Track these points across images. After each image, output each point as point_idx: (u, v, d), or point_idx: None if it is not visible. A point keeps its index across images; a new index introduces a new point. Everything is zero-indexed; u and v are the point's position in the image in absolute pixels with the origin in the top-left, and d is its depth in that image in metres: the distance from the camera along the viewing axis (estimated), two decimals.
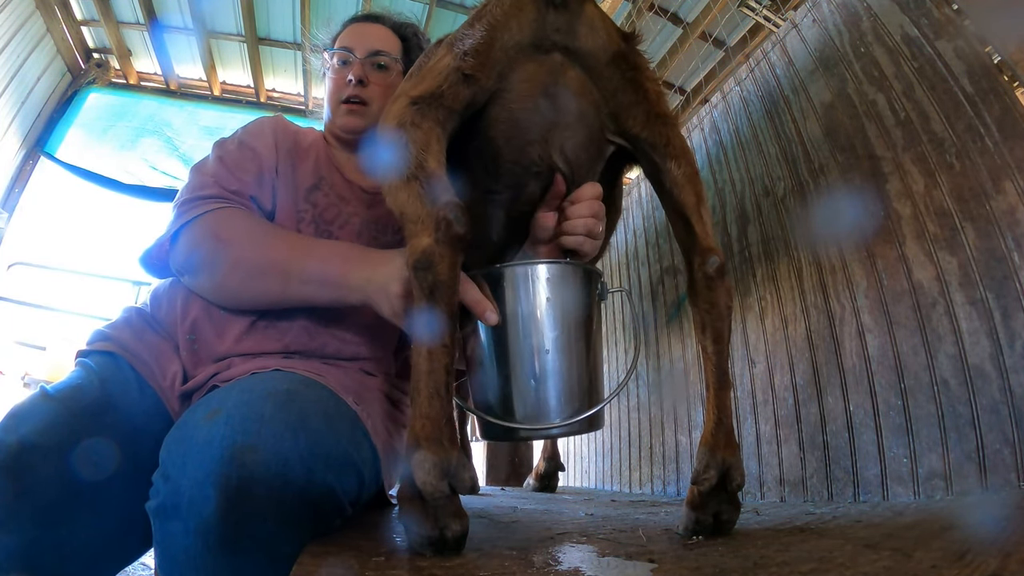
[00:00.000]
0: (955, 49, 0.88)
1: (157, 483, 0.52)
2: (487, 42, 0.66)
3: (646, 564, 0.48)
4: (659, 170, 0.70)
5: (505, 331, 0.61)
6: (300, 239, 0.74)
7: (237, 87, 3.54)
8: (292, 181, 0.82)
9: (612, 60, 0.70)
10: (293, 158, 0.84)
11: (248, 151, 0.80)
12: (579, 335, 0.63)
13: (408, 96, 0.65)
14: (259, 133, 0.83)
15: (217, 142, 0.82)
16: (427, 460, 0.49)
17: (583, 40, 0.68)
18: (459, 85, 0.65)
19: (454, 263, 0.54)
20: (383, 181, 0.63)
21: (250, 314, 0.73)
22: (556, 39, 0.68)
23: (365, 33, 0.93)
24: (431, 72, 0.66)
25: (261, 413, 0.53)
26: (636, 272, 1.81)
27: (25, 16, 2.67)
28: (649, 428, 1.58)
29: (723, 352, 0.65)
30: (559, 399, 0.61)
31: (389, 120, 0.65)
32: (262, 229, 0.73)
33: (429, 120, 0.63)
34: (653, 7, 2.57)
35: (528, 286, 0.62)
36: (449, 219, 0.54)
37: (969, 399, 0.76)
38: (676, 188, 0.69)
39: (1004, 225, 0.77)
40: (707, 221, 0.68)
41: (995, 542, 0.46)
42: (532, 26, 0.67)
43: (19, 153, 2.93)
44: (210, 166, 0.78)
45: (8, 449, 0.56)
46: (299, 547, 0.51)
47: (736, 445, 0.62)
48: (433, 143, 0.62)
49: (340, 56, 0.90)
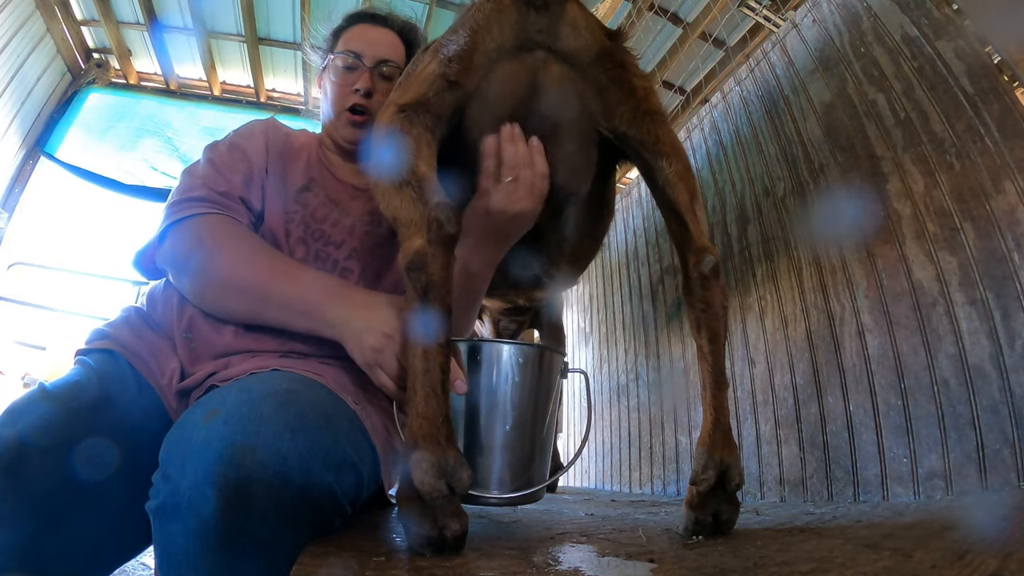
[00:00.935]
0: (955, 49, 0.88)
1: (157, 483, 0.52)
2: (470, 47, 0.66)
3: (646, 564, 0.48)
4: (651, 168, 0.70)
5: (473, 400, 0.63)
6: (285, 262, 0.73)
7: (237, 87, 3.54)
8: (282, 182, 0.82)
9: (597, 59, 0.69)
10: (284, 159, 0.84)
11: (238, 153, 0.80)
12: (538, 414, 0.65)
13: (396, 104, 0.66)
14: (249, 135, 0.84)
15: (208, 145, 0.82)
16: (425, 460, 0.49)
17: (566, 40, 0.68)
18: (444, 92, 0.66)
19: (446, 263, 0.55)
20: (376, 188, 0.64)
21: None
22: (539, 40, 0.68)
23: (373, 39, 0.90)
24: (417, 79, 0.67)
25: (260, 413, 0.53)
26: (636, 272, 1.81)
27: (25, 16, 2.67)
28: (649, 428, 1.58)
29: (719, 352, 0.65)
30: (508, 472, 0.63)
31: (379, 129, 0.66)
32: (249, 244, 0.72)
33: (418, 126, 0.64)
34: (653, 7, 2.57)
35: (501, 364, 0.64)
36: (440, 220, 0.54)
37: (969, 399, 0.76)
38: (668, 186, 0.68)
39: (1004, 225, 0.77)
40: (701, 219, 0.68)
41: (995, 542, 0.46)
42: (514, 28, 0.67)
43: (19, 153, 2.93)
44: (200, 168, 0.78)
45: (6, 446, 0.56)
46: (299, 547, 0.51)
47: (734, 445, 0.62)
48: (423, 148, 0.63)
49: (346, 62, 0.88)
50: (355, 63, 0.88)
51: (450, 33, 0.69)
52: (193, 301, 0.73)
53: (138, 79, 3.43)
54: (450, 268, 0.55)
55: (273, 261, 0.71)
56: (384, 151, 0.63)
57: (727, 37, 2.66)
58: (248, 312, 0.70)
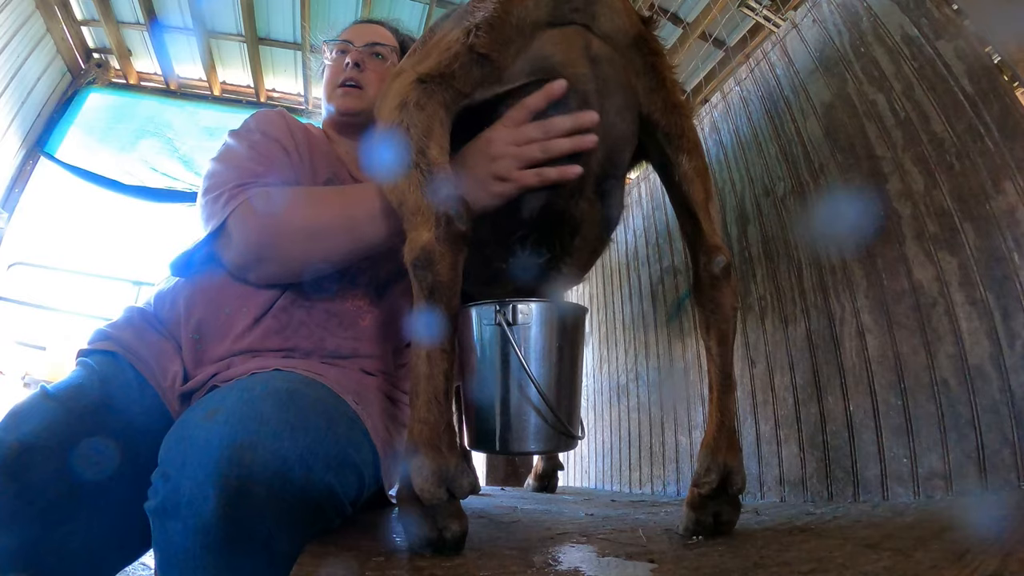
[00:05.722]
0: (955, 49, 0.88)
1: (156, 483, 0.52)
2: (500, 16, 0.60)
3: (646, 564, 0.48)
4: (670, 163, 0.67)
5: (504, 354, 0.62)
6: (345, 189, 0.77)
7: (237, 87, 3.54)
8: (311, 172, 0.83)
9: (633, 43, 0.66)
10: (308, 150, 0.85)
11: (274, 142, 0.80)
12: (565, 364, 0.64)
13: (414, 72, 0.60)
14: (275, 125, 0.83)
15: (235, 132, 0.81)
16: (425, 467, 0.48)
17: (602, 20, 0.64)
18: (471, 66, 0.60)
19: (455, 263, 0.51)
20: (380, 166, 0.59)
21: (253, 312, 0.73)
22: (574, 18, 0.63)
23: (363, 29, 0.97)
24: (438, 47, 0.62)
25: (260, 412, 0.53)
26: (636, 272, 1.81)
27: (25, 16, 2.67)
28: (649, 428, 1.58)
29: (727, 354, 0.64)
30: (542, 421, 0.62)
31: (391, 98, 0.61)
32: (306, 192, 0.76)
33: (434, 102, 0.58)
34: (653, 7, 2.57)
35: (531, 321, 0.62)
36: (450, 215, 0.51)
37: (969, 399, 0.76)
38: (686, 182, 0.66)
39: (1004, 225, 0.77)
40: (715, 218, 0.66)
41: (995, 542, 0.46)
42: (549, 4, 0.62)
43: (19, 153, 2.93)
44: (244, 155, 0.77)
45: (8, 449, 0.56)
46: (299, 547, 0.51)
47: (738, 448, 0.61)
48: (436, 128, 0.57)
49: (339, 47, 0.93)
50: (345, 47, 0.93)
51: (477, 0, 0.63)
52: (281, 274, 0.72)
53: (138, 79, 3.43)
54: (459, 268, 0.52)
55: (336, 192, 0.76)
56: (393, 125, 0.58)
57: (727, 37, 2.66)
58: (342, 244, 0.69)
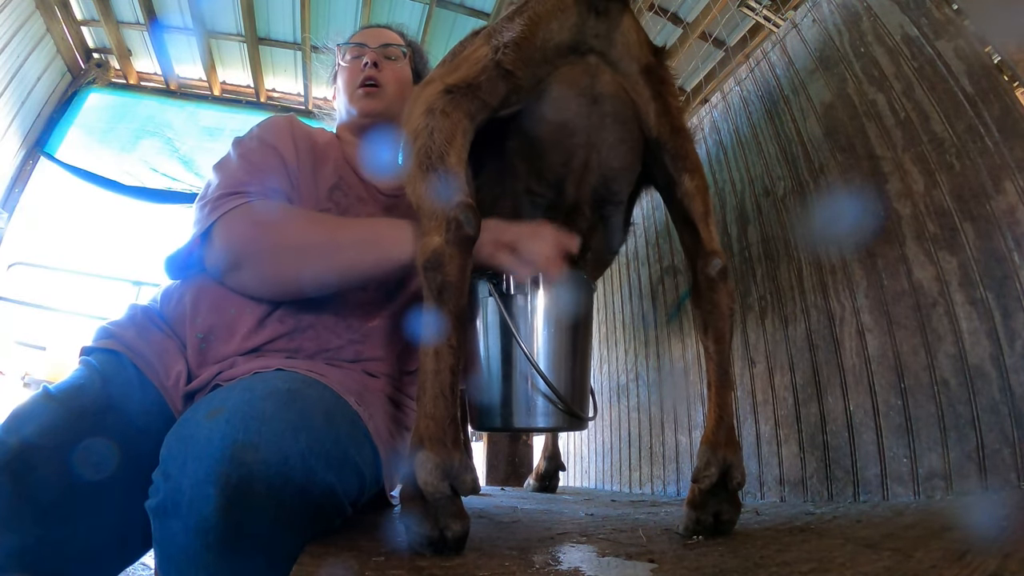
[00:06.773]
0: (955, 49, 0.88)
1: (157, 482, 0.52)
2: (527, 38, 0.65)
3: (646, 564, 0.48)
4: (673, 182, 0.72)
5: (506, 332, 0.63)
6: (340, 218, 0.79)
7: (237, 87, 3.54)
8: (313, 180, 0.83)
9: (643, 71, 0.71)
10: (312, 157, 0.85)
11: (270, 149, 0.80)
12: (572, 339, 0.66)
13: (443, 82, 0.64)
14: (277, 132, 0.83)
15: (237, 140, 0.82)
16: (429, 461, 0.49)
17: (619, 49, 0.69)
18: (497, 80, 0.64)
19: (463, 265, 0.54)
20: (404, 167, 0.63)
21: (259, 312, 0.72)
22: (594, 44, 0.68)
23: (375, 32, 1.00)
24: (467, 60, 0.66)
25: (262, 412, 0.53)
26: (636, 272, 1.81)
27: (25, 16, 2.67)
28: (649, 428, 1.58)
29: (724, 352, 0.66)
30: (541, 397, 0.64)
31: (419, 104, 0.64)
32: (302, 212, 0.77)
33: (459, 111, 0.62)
34: (653, 7, 2.57)
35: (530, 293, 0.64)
36: (460, 220, 0.54)
37: (969, 399, 0.76)
38: (687, 199, 0.71)
39: (1004, 225, 0.77)
40: (712, 227, 0.70)
41: (995, 542, 0.46)
42: (573, 29, 0.67)
43: (19, 153, 2.93)
44: (234, 164, 0.77)
45: (10, 449, 0.56)
46: (299, 547, 0.51)
47: (737, 444, 0.62)
48: (458, 136, 0.61)
49: (353, 52, 0.95)
50: (360, 51, 0.95)
51: (506, 20, 0.68)
52: (257, 288, 0.72)
53: (138, 79, 3.43)
54: (467, 270, 0.55)
55: (331, 217, 0.78)
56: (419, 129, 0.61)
57: (727, 37, 2.66)
58: (325, 266, 0.69)
